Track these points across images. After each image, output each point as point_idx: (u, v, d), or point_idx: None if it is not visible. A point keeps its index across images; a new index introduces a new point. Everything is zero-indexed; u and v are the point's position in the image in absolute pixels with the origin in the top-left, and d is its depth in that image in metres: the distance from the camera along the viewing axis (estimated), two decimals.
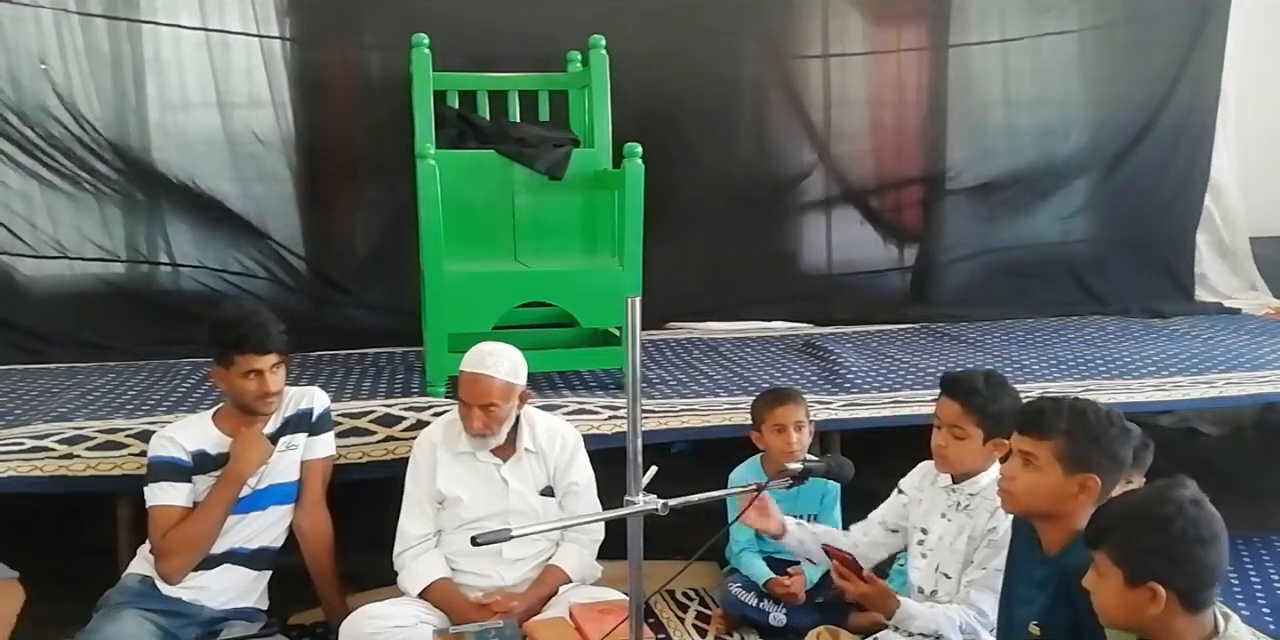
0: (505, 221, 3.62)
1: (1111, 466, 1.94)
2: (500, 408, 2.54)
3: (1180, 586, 1.63)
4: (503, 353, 2.59)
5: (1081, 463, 1.92)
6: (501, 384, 2.54)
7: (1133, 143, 5.04)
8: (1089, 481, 1.91)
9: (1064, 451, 1.93)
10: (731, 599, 2.83)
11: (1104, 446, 1.93)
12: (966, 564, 2.33)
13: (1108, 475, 1.93)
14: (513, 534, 1.65)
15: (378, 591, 2.74)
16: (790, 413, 2.82)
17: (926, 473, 2.51)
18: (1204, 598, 1.66)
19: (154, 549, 2.51)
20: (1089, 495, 1.91)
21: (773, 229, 4.84)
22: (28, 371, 3.75)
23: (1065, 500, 1.93)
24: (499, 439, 2.60)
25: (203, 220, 4.17)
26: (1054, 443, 1.94)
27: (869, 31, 4.87)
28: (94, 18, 4.00)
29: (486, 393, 2.53)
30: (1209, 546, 1.63)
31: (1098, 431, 1.93)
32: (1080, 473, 1.92)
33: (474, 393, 2.54)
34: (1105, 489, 1.93)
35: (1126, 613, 1.70)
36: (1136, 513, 1.69)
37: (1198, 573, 1.64)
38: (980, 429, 2.30)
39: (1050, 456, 1.94)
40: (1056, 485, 1.94)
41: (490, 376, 2.53)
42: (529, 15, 4.22)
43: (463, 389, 2.57)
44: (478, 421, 2.54)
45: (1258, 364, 3.85)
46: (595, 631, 2.17)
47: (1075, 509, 1.93)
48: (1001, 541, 2.24)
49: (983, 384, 2.32)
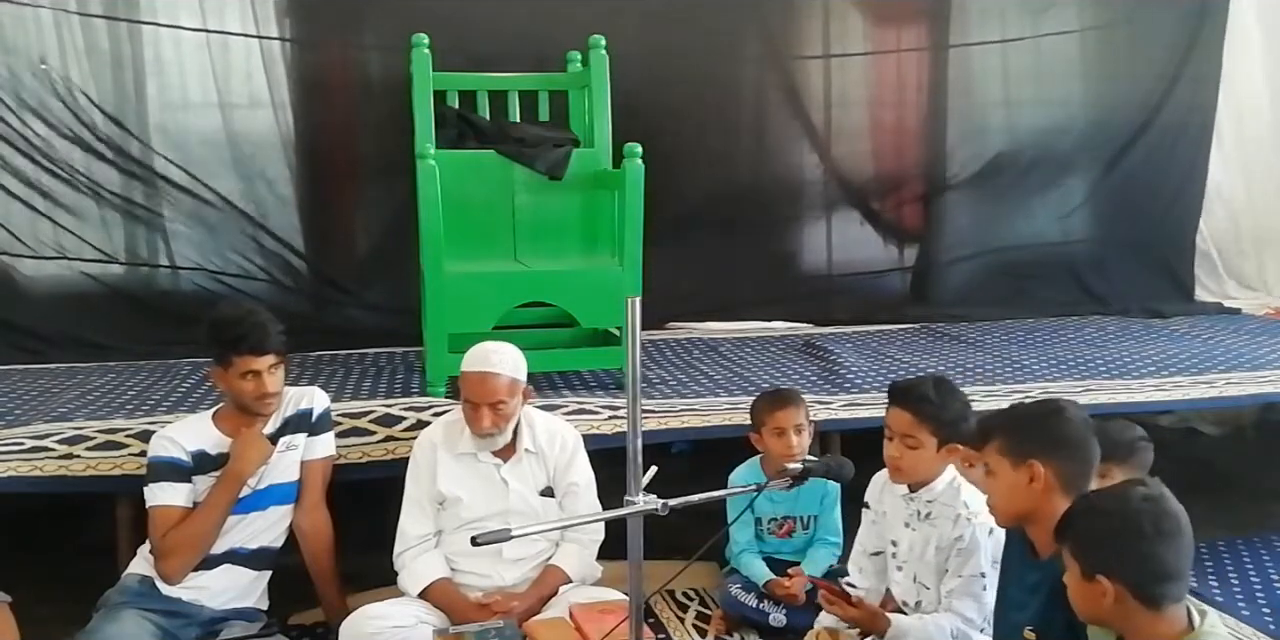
0: (505, 221, 3.62)
1: (1052, 448, 1.95)
2: (508, 404, 2.55)
3: (1127, 579, 1.65)
4: (504, 350, 2.61)
5: (1020, 453, 1.96)
6: (508, 380, 2.55)
7: (1132, 142, 5.04)
8: (1033, 469, 1.93)
9: (1004, 449, 1.98)
10: (731, 600, 2.83)
11: (1033, 433, 1.97)
12: (941, 573, 2.33)
13: (1054, 460, 1.94)
14: (513, 534, 1.65)
15: (378, 591, 2.74)
16: (790, 416, 2.81)
17: (884, 484, 2.51)
18: (1158, 592, 1.66)
19: (154, 549, 2.51)
20: (1039, 482, 1.93)
21: (773, 229, 4.84)
22: (28, 371, 3.75)
23: (1027, 496, 1.95)
24: (506, 437, 2.60)
25: (203, 221, 4.17)
26: (993, 445, 2.00)
27: (869, 32, 4.87)
28: (94, 18, 4.00)
29: (495, 390, 2.53)
30: (1158, 541, 1.64)
31: (1025, 421, 2.00)
32: (1022, 464, 1.95)
33: (482, 391, 2.54)
34: (1065, 475, 1.94)
35: (1087, 606, 1.73)
36: (1090, 506, 1.74)
37: (1145, 566, 1.65)
38: (934, 436, 2.31)
39: (996, 458, 1.99)
40: (1011, 483, 1.97)
41: (497, 373, 2.54)
42: (529, 15, 4.22)
43: (469, 389, 2.56)
44: (486, 420, 2.54)
45: (1258, 364, 3.85)
46: (595, 631, 2.17)
47: (1042, 503, 1.94)
48: (970, 547, 2.27)
49: (932, 391, 2.32)
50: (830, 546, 2.94)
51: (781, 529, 2.96)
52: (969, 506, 2.29)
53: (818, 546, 2.94)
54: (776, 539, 2.97)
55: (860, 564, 2.61)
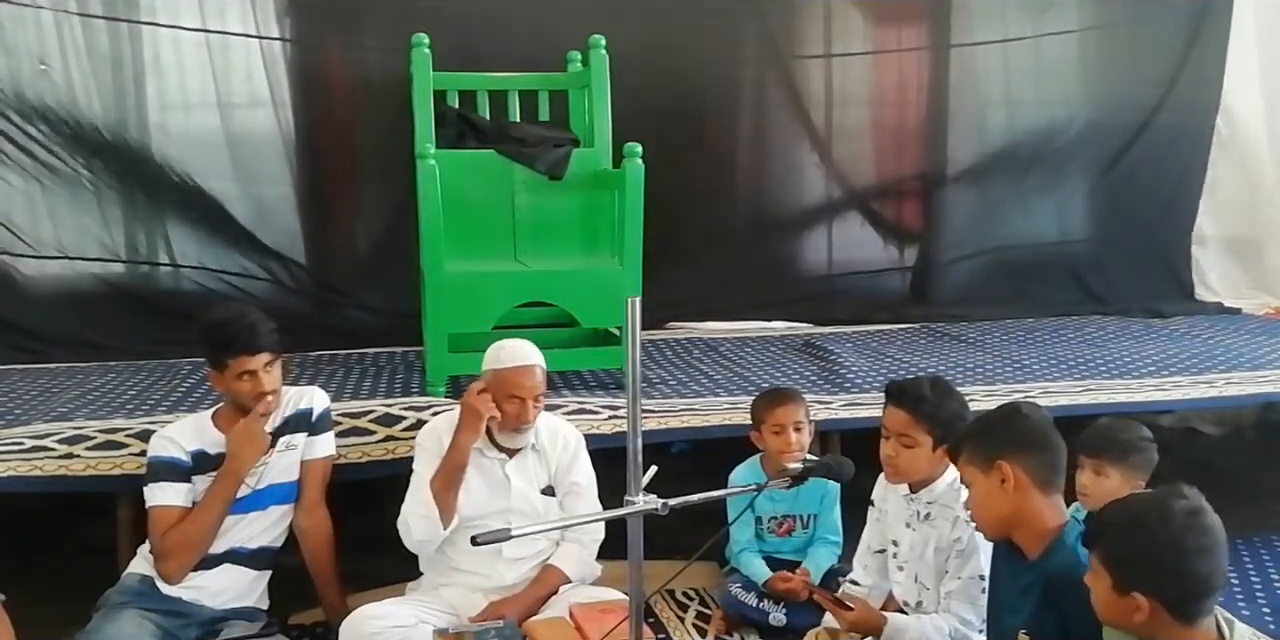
0: (505, 221, 3.62)
1: (1016, 446, 1.97)
2: (543, 393, 2.59)
3: (1167, 597, 1.61)
4: (529, 344, 2.65)
5: (987, 457, 1.98)
6: (544, 371, 2.60)
7: (1132, 142, 5.04)
8: (1003, 470, 1.95)
9: (971, 457, 2.01)
10: (731, 599, 2.83)
11: (995, 434, 2.00)
12: (941, 574, 2.33)
13: (1020, 457, 1.95)
14: (513, 534, 1.65)
15: (378, 591, 2.74)
16: (790, 413, 2.81)
17: (886, 483, 2.52)
18: (1195, 609, 1.62)
19: (153, 549, 2.51)
20: (1011, 481, 1.95)
21: (773, 229, 4.84)
22: (28, 371, 3.75)
23: (1003, 499, 1.96)
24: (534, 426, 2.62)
25: (203, 221, 4.18)
26: (963, 457, 2.03)
27: (870, 31, 4.88)
28: (94, 19, 4.00)
29: (540, 382, 2.57)
30: (1199, 558, 1.60)
31: (985, 426, 2.03)
32: (991, 467, 1.97)
33: (531, 384, 2.56)
34: (1035, 471, 1.95)
35: (1116, 617, 1.70)
36: (1128, 518, 1.68)
37: (1186, 584, 1.61)
38: (930, 436, 2.31)
39: (969, 470, 2.02)
40: (986, 490, 1.99)
41: (538, 365, 2.59)
42: (529, 15, 4.22)
43: (515, 385, 2.55)
44: (532, 413, 2.56)
45: (1258, 364, 3.85)
46: (595, 631, 2.17)
47: (1020, 504, 1.95)
48: (969, 549, 2.27)
49: (929, 390, 2.32)
50: (830, 546, 2.94)
51: (781, 528, 2.96)
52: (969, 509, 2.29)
53: (818, 545, 2.94)
54: (776, 538, 2.97)
55: (865, 561, 2.61)
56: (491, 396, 2.55)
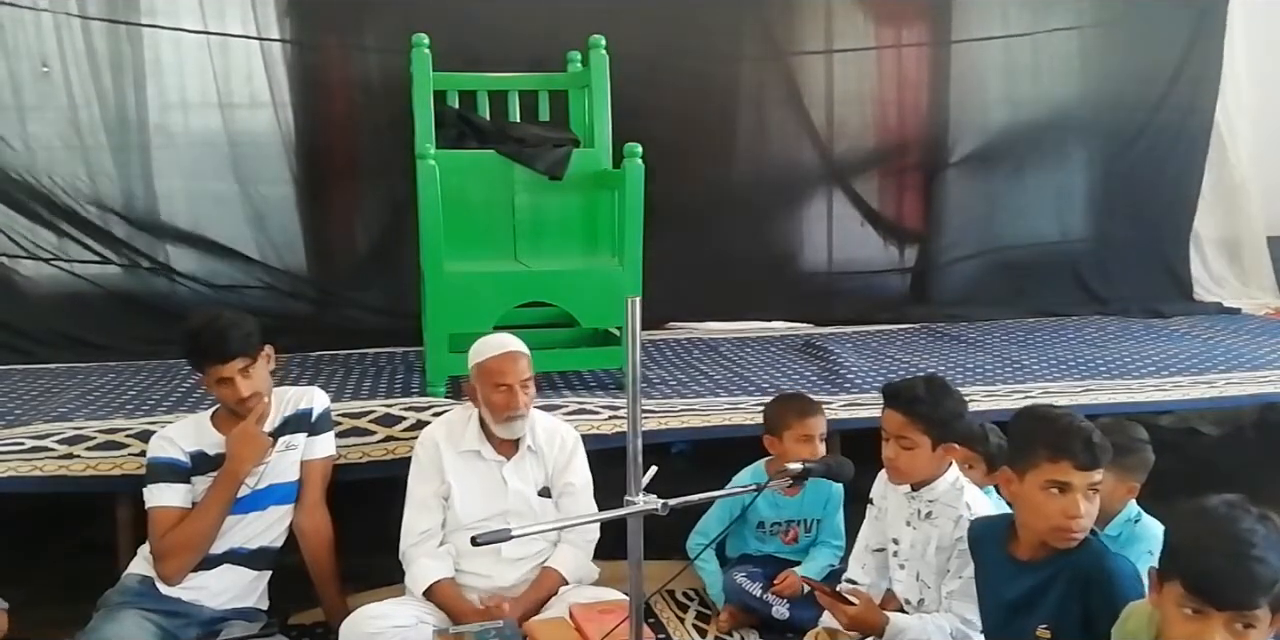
0: (505, 221, 3.62)
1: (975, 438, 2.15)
2: (531, 383, 2.61)
3: None
4: (506, 333, 2.71)
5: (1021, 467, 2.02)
6: (528, 358, 2.62)
7: (1132, 141, 5.05)
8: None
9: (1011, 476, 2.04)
10: (736, 588, 2.83)
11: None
12: (942, 573, 2.33)
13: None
14: (513, 534, 1.65)
15: (378, 591, 2.74)
16: (819, 424, 2.79)
17: (887, 480, 2.51)
18: None
19: (153, 550, 2.51)
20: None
21: (773, 228, 4.85)
22: (28, 371, 3.75)
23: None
24: (529, 421, 2.63)
25: (203, 220, 4.17)
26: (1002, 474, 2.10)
27: (871, 28, 4.87)
28: (95, 21, 4.00)
29: (525, 368, 2.60)
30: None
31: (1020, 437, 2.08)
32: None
33: (515, 370, 2.57)
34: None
35: None
36: None
37: None
38: (927, 436, 2.30)
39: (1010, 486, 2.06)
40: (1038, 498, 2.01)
41: (520, 351, 2.61)
42: (529, 15, 4.22)
43: (500, 372, 2.57)
44: (521, 400, 2.57)
45: (1258, 364, 3.85)
46: (595, 631, 2.17)
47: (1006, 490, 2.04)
48: None
49: (924, 391, 2.32)
50: (832, 548, 2.94)
51: (788, 535, 2.95)
52: (970, 508, 2.29)
53: (819, 547, 2.94)
54: (781, 544, 2.96)
55: (863, 560, 2.60)
56: (481, 391, 2.59)
